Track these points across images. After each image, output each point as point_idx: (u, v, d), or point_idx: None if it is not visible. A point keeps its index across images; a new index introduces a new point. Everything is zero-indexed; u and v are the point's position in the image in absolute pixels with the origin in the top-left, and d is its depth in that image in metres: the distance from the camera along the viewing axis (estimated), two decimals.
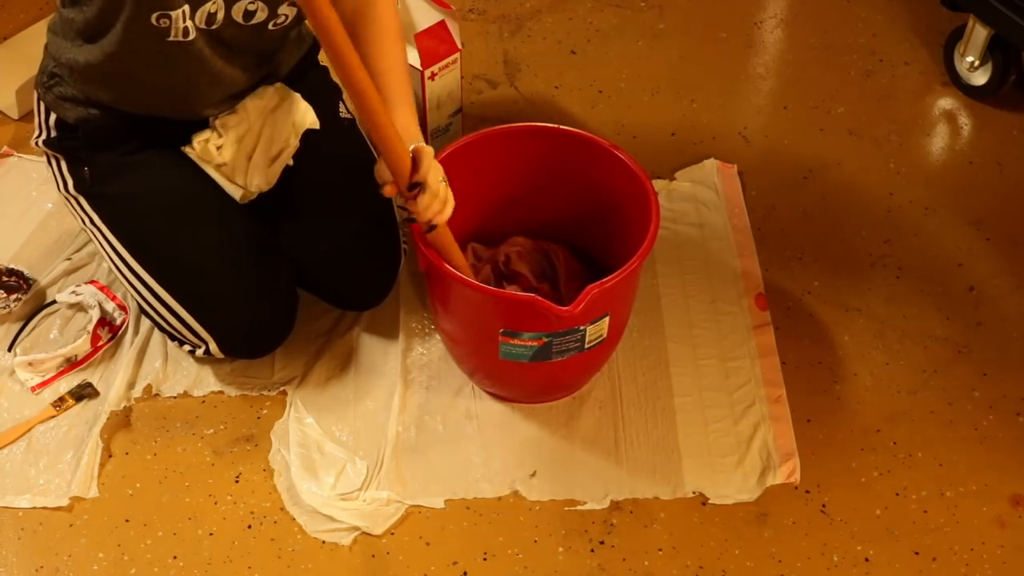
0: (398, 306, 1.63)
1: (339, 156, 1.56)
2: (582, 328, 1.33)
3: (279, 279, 1.50)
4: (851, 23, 2.21)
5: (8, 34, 2.12)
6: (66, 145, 1.47)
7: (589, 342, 1.36)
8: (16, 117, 1.95)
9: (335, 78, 1.51)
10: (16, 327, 1.60)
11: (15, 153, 1.88)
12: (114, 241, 1.46)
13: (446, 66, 1.77)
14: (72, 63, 1.38)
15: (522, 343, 1.34)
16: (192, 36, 1.31)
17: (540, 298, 1.27)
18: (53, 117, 1.47)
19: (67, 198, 1.51)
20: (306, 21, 1.48)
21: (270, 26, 1.38)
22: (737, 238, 1.74)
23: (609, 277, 1.30)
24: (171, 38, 1.30)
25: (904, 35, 2.18)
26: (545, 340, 1.33)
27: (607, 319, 1.36)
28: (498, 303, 1.35)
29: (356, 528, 1.37)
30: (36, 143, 1.50)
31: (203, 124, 1.46)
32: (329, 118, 1.57)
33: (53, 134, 1.47)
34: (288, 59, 1.53)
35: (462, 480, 1.43)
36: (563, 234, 1.61)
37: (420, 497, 1.41)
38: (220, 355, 1.48)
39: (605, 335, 1.38)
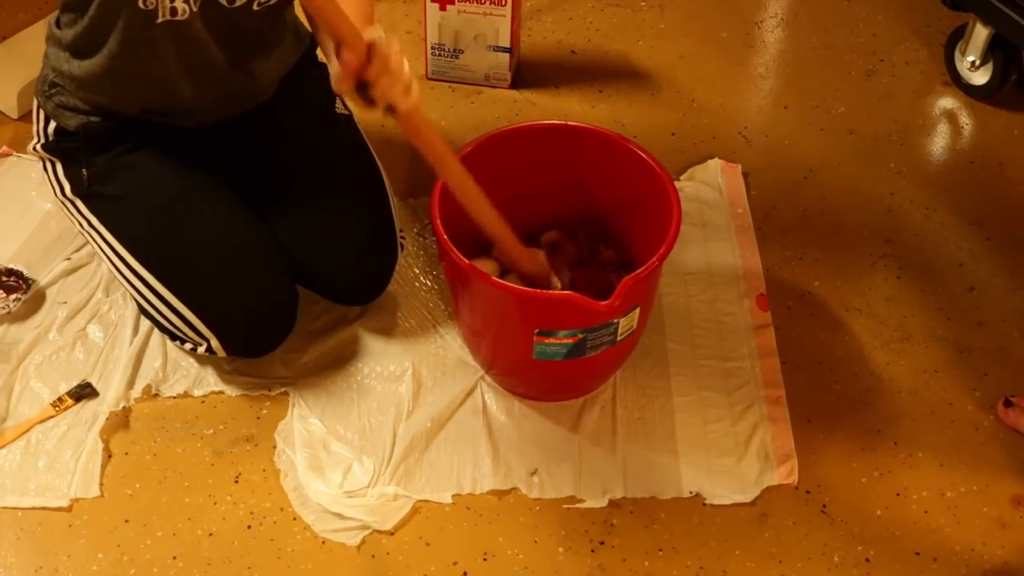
0: (397, 303, 1.63)
1: (335, 152, 1.57)
2: (616, 321, 1.33)
3: (278, 274, 1.50)
4: (851, 23, 2.21)
5: (8, 34, 2.12)
6: (65, 147, 1.48)
7: (621, 334, 1.36)
8: (16, 117, 1.94)
9: None
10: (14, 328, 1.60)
11: (15, 153, 1.88)
12: (113, 241, 1.46)
13: None
14: (69, 73, 1.40)
15: (558, 341, 1.33)
16: (184, 16, 1.32)
17: (578, 294, 1.26)
18: (52, 125, 1.48)
19: (63, 203, 1.52)
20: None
21: (254, 6, 1.39)
22: (740, 238, 1.74)
23: (642, 268, 1.30)
24: (160, 20, 1.31)
25: (904, 35, 2.18)
26: (580, 336, 1.33)
27: (638, 310, 1.36)
28: (534, 303, 1.34)
29: (365, 527, 1.37)
30: (34, 148, 1.51)
31: (199, 132, 1.47)
32: (326, 114, 1.58)
33: (51, 139, 1.48)
34: (286, 57, 1.54)
35: (469, 476, 1.43)
36: (577, 229, 1.61)
37: (427, 493, 1.41)
38: (222, 352, 1.48)
39: (635, 326, 1.39)
